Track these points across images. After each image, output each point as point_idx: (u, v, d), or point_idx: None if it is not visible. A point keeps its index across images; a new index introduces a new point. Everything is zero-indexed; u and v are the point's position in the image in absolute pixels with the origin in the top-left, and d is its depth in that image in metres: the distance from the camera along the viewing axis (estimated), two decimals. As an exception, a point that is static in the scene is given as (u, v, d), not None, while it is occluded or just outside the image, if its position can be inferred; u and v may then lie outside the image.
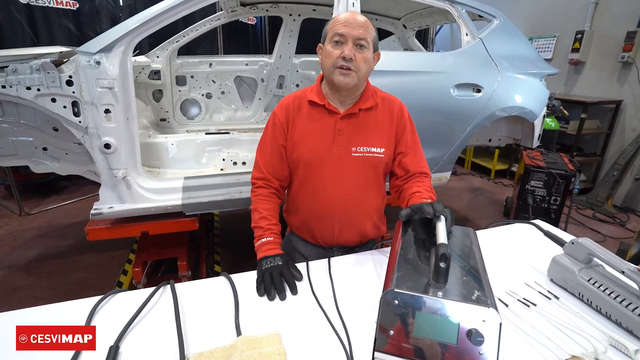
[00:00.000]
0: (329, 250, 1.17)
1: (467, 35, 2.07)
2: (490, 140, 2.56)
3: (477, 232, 0.91)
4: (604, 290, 0.80)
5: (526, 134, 2.39)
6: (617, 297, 0.77)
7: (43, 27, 3.40)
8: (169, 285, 0.88)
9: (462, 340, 0.57)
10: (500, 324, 0.57)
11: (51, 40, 3.42)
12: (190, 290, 0.88)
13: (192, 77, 2.89)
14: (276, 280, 0.88)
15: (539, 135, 2.37)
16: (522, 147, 2.85)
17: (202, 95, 2.96)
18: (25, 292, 2.19)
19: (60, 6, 3.44)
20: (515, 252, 1.10)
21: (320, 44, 1.07)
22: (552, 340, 0.74)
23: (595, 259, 0.84)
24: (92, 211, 1.58)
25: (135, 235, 1.76)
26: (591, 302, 0.83)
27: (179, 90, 2.88)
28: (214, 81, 2.97)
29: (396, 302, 0.60)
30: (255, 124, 3.13)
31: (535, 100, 2.17)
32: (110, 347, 0.69)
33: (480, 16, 2.25)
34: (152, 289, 0.86)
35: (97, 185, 1.64)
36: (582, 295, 0.85)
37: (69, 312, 0.80)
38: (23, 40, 3.31)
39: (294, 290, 0.88)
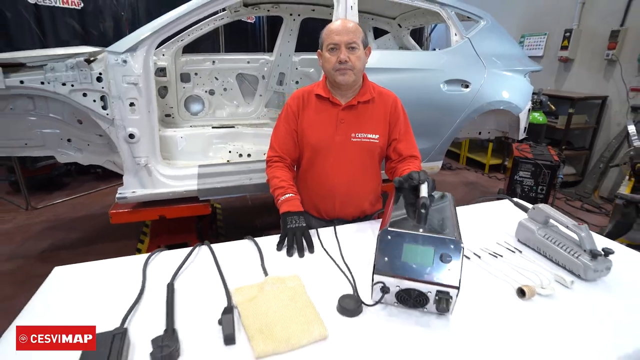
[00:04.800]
0: (330, 222, 1.31)
1: (456, 35, 2.22)
2: (480, 133, 2.71)
3: (463, 207, 1.08)
4: (554, 242, 0.98)
5: (513, 126, 2.54)
6: (563, 246, 0.96)
7: (49, 25, 3.51)
8: (203, 246, 1.05)
9: (436, 261, 0.77)
10: (463, 247, 0.77)
11: (57, 38, 3.53)
12: (222, 249, 1.05)
13: (195, 74, 2.99)
14: (298, 240, 1.04)
15: (525, 127, 2.52)
16: (511, 140, 3.00)
17: (206, 91, 3.06)
18: (44, 278, 2.30)
19: (65, 5, 3.55)
20: (492, 221, 1.27)
21: (319, 50, 1.26)
22: (512, 277, 0.92)
23: (551, 220, 1.02)
24: (117, 195, 1.74)
25: (152, 219, 1.92)
26: (545, 252, 1.02)
27: (184, 87, 2.99)
28: (216, 78, 3.08)
29: (389, 237, 0.80)
30: (256, 119, 3.24)
31: (520, 95, 2.33)
32: (168, 285, 0.86)
33: (468, 17, 2.39)
34: (189, 248, 1.03)
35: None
36: (539, 249, 1.04)
37: (126, 266, 0.96)
38: (31, 39, 3.42)
39: (312, 250, 1.05)
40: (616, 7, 3.53)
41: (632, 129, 2.26)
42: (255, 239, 1.10)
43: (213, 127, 2.48)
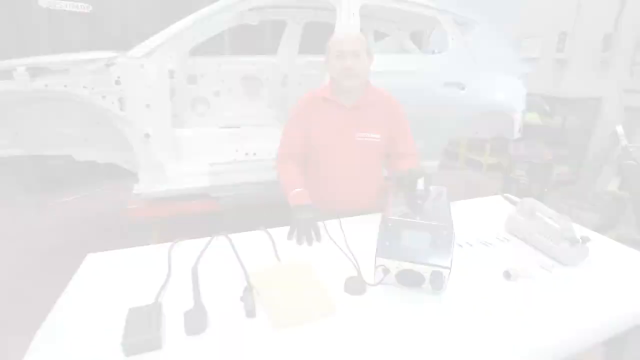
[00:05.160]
0: (336, 215, 1.41)
1: (453, 39, 2.32)
2: (477, 133, 2.81)
3: (459, 202, 1.19)
4: (538, 232, 1.09)
5: (508, 126, 2.64)
6: (545, 235, 1.06)
7: (60, 29, 3.61)
8: (221, 236, 1.15)
9: (431, 245, 0.88)
10: (454, 232, 0.88)
11: (67, 42, 3.62)
12: (237, 238, 1.14)
13: (202, 75, 3.11)
14: (307, 231, 1.15)
15: (520, 127, 2.63)
16: (507, 139, 3.11)
17: (211, 93, 3.18)
18: (61, 272, 2.39)
19: (75, 9, 3.65)
20: (485, 214, 1.38)
21: (325, 57, 1.37)
22: (499, 260, 1.03)
23: (537, 212, 1.12)
24: (133, 192, 1.85)
25: (165, 214, 2.02)
26: (531, 241, 1.12)
27: (190, 89, 3.11)
28: (222, 80, 3.19)
29: (390, 225, 0.92)
30: (260, 119, 3.34)
31: (514, 96, 2.43)
32: (192, 268, 0.97)
33: (465, 22, 2.49)
34: (208, 238, 1.14)
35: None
36: (526, 238, 1.14)
37: (151, 253, 1.07)
38: (43, 42, 3.52)
39: (320, 239, 1.16)
40: (610, 11, 3.64)
41: (619, 129, 2.38)
42: (267, 229, 1.20)
43: (219, 128, 2.58)
